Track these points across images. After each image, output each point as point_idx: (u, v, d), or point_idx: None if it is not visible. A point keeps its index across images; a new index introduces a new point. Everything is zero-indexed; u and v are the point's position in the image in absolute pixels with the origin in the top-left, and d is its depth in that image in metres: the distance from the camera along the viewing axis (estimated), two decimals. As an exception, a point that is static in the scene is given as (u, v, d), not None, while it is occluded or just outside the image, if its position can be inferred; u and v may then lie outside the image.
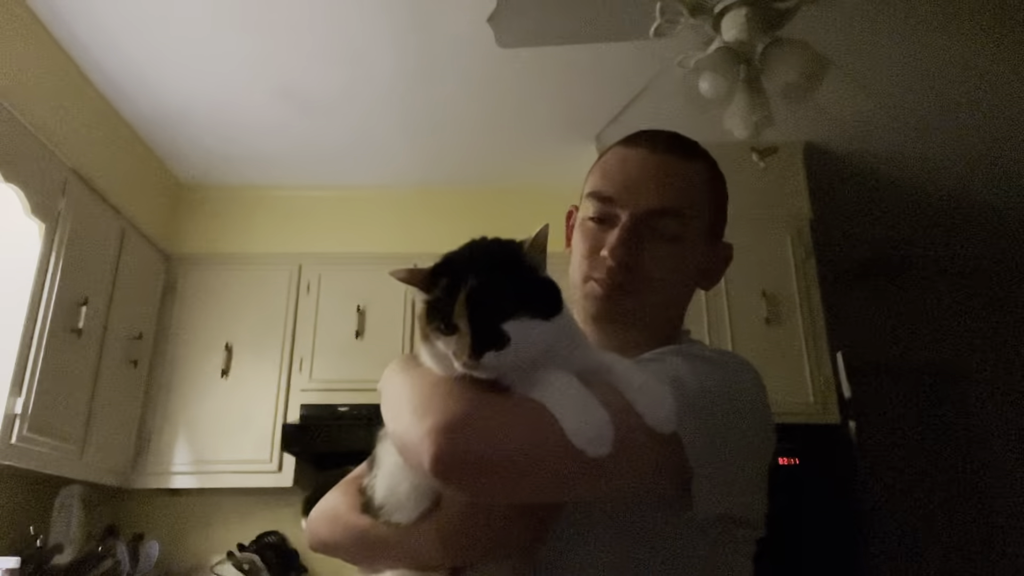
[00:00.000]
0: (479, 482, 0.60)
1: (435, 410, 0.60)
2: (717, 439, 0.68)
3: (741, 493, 0.73)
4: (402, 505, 0.70)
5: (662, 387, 0.64)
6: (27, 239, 2.43)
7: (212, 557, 3.10)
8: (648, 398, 0.63)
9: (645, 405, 0.63)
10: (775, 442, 0.78)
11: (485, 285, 0.60)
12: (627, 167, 0.85)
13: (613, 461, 0.60)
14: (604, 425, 0.59)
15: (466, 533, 0.67)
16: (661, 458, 0.65)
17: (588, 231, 0.85)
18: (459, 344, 0.60)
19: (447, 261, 0.65)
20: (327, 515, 0.81)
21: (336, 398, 3.08)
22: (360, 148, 3.23)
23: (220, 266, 3.32)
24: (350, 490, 0.81)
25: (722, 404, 0.70)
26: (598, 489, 0.65)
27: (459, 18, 2.40)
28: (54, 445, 2.46)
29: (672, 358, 0.73)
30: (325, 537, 0.80)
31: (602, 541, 0.71)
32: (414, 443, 0.60)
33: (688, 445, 0.65)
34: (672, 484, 0.67)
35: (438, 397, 0.61)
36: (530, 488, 0.62)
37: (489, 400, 0.61)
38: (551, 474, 0.61)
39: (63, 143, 2.54)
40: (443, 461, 0.57)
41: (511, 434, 0.59)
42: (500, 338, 0.59)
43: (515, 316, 0.59)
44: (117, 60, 2.62)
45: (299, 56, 2.64)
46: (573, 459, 0.59)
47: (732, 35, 1.83)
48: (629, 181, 0.83)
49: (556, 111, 2.97)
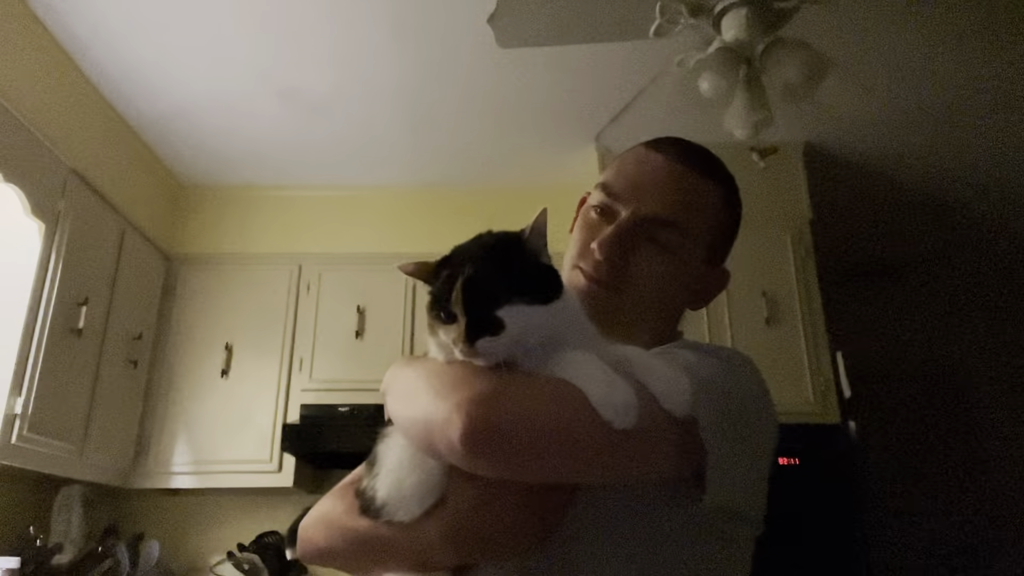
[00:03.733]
0: (510, 456, 0.59)
1: (461, 387, 0.60)
2: (728, 425, 0.68)
3: (746, 486, 0.72)
4: (406, 502, 0.68)
5: (678, 372, 0.65)
6: (27, 239, 2.43)
7: (212, 557, 3.10)
8: (665, 382, 0.63)
9: (662, 389, 0.63)
10: (777, 440, 0.77)
11: (480, 273, 0.61)
12: (643, 168, 0.84)
13: (637, 439, 0.60)
14: (629, 397, 0.59)
15: (473, 530, 0.65)
16: (680, 440, 0.65)
17: (589, 221, 0.85)
18: (457, 331, 0.61)
19: (450, 254, 0.67)
20: (322, 521, 0.78)
21: (336, 398, 3.07)
22: (360, 148, 3.23)
23: (220, 266, 3.32)
24: (346, 495, 0.78)
25: (732, 394, 0.70)
26: (623, 468, 0.64)
27: (459, 18, 2.40)
28: (54, 445, 2.46)
29: (679, 351, 0.74)
30: (320, 544, 0.77)
31: (607, 540, 0.70)
32: (440, 421, 0.59)
33: (704, 428, 0.65)
34: (688, 468, 0.67)
35: (461, 377, 0.61)
36: (559, 462, 0.61)
37: (513, 378, 0.61)
38: (581, 447, 0.61)
39: (63, 143, 2.54)
40: (474, 434, 0.57)
41: (541, 407, 0.59)
42: (494, 324, 0.60)
43: (511, 302, 0.60)
44: (117, 60, 2.62)
45: (299, 56, 2.64)
46: (601, 431, 0.59)
47: (732, 35, 1.83)
48: (640, 181, 0.83)
49: (556, 111, 2.97)
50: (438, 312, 0.62)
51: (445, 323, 0.62)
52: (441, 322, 0.62)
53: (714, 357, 0.74)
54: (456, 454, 0.59)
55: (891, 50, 2.58)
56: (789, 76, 1.84)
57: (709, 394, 0.67)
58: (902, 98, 2.84)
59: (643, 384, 0.63)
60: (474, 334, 0.60)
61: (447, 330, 0.62)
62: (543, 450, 0.60)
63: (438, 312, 0.62)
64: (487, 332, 0.60)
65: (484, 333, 0.60)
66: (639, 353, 0.67)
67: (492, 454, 0.59)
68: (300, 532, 0.80)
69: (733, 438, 0.68)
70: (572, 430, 0.60)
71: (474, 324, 0.60)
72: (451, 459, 0.61)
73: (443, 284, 0.63)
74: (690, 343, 0.81)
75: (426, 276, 0.66)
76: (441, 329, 0.63)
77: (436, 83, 2.78)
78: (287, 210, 3.46)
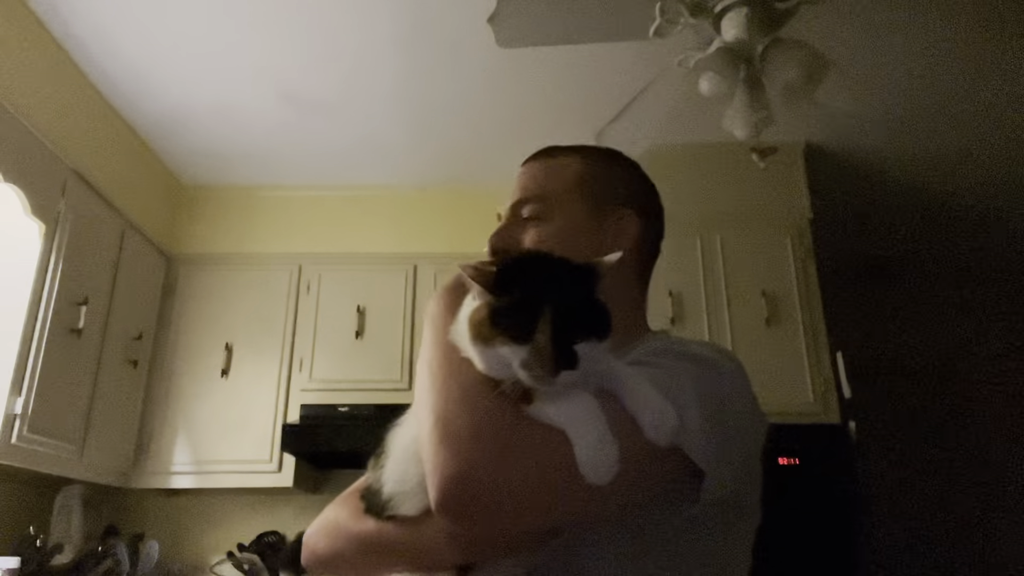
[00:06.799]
0: (485, 524, 0.62)
1: (450, 446, 0.61)
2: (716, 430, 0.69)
3: (741, 478, 0.74)
4: (412, 495, 0.70)
5: (662, 401, 0.66)
6: (27, 239, 2.43)
7: (212, 557, 3.10)
8: (650, 413, 0.65)
9: (647, 421, 0.64)
10: (767, 425, 0.79)
11: (570, 306, 0.63)
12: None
13: (618, 482, 0.61)
14: (613, 457, 0.61)
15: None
16: (664, 470, 0.67)
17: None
18: (535, 357, 0.61)
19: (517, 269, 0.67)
20: (325, 528, 0.80)
21: (336, 398, 3.08)
22: (360, 148, 3.23)
23: (220, 266, 3.32)
24: (349, 502, 0.80)
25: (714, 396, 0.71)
26: (606, 510, 0.67)
27: (459, 18, 2.40)
28: (54, 445, 2.47)
29: (664, 360, 0.74)
30: (323, 551, 0.79)
31: (609, 537, 0.71)
32: (427, 465, 0.63)
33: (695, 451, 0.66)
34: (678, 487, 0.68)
35: (461, 420, 0.63)
36: (539, 520, 0.64)
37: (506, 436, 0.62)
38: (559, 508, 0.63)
39: (63, 143, 2.54)
40: (449, 507, 0.60)
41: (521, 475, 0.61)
42: (575, 359, 0.61)
43: (588, 338, 0.63)
44: (117, 60, 2.62)
45: (299, 56, 2.64)
46: (581, 491, 0.61)
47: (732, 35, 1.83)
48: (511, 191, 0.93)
49: (556, 111, 2.97)
50: (512, 331, 0.62)
51: (517, 343, 0.62)
52: (513, 341, 0.62)
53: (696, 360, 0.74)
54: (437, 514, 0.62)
55: (891, 50, 2.58)
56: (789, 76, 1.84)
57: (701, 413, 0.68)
58: (902, 98, 2.84)
59: (630, 411, 0.65)
60: (560, 366, 0.61)
61: (516, 350, 0.62)
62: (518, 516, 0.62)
63: (512, 331, 0.62)
64: (569, 366, 0.61)
65: (567, 366, 0.61)
66: (630, 375, 0.68)
67: (465, 524, 0.62)
68: (304, 541, 0.81)
69: (722, 440, 0.69)
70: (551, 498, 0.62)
71: (561, 357, 0.61)
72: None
73: (519, 303, 0.63)
74: (667, 345, 0.80)
75: (487, 284, 0.65)
76: (508, 347, 0.62)
77: (436, 83, 2.78)
78: (287, 210, 3.46)
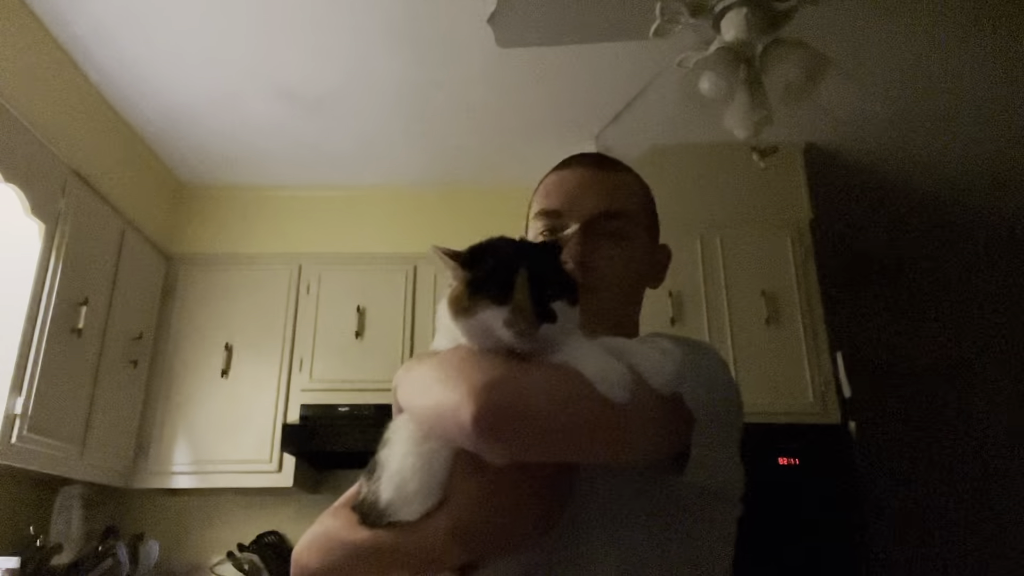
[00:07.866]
0: (520, 435, 0.63)
1: (471, 375, 0.64)
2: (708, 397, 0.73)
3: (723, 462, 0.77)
4: (410, 501, 0.70)
5: (660, 355, 0.71)
6: (27, 239, 2.43)
7: (212, 557, 3.10)
8: (650, 363, 0.69)
9: (649, 369, 0.69)
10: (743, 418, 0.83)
11: (542, 268, 0.69)
12: (570, 183, 0.93)
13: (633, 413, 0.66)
14: (622, 372, 0.66)
15: (479, 524, 0.68)
16: (669, 413, 0.70)
17: None
18: (516, 314, 0.66)
19: (489, 248, 0.73)
20: (317, 543, 0.78)
21: (336, 398, 3.08)
22: (360, 148, 3.23)
23: (220, 266, 3.32)
24: (339, 515, 0.79)
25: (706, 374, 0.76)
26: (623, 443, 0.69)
27: (459, 18, 2.40)
28: (54, 445, 2.47)
29: (653, 338, 0.79)
30: (316, 566, 0.76)
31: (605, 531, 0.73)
32: (452, 408, 0.63)
33: (689, 399, 0.71)
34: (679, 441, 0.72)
35: (470, 366, 0.66)
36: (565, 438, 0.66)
37: (520, 363, 0.66)
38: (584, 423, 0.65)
39: (63, 143, 2.54)
40: (485, 417, 0.61)
41: (546, 388, 0.65)
42: (552, 314, 0.67)
43: (559, 299, 0.69)
44: (117, 60, 2.62)
45: (299, 56, 2.64)
46: (601, 406, 0.64)
47: (732, 35, 1.83)
48: (575, 193, 0.91)
49: (556, 111, 2.97)
50: (492, 294, 0.67)
51: (500, 304, 0.67)
52: (495, 303, 0.67)
53: (685, 345, 0.79)
54: (468, 437, 0.62)
55: (891, 50, 2.58)
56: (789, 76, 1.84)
57: (690, 373, 0.72)
58: (902, 98, 2.84)
59: (632, 366, 0.68)
60: (541, 319, 0.67)
61: (498, 311, 0.67)
62: (549, 428, 0.64)
63: (492, 294, 0.67)
64: (548, 319, 0.67)
65: (546, 320, 0.67)
66: (624, 342, 0.74)
67: (502, 435, 0.63)
68: (293, 558, 0.79)
69: (712, 412, 0.73)
70: (575, 406, 0.65)
71: (541, 310, 0.67)
72: (464, 442, 0.65)
73: (495, 272, 0.68)
74: (662, 333, 0.85)
75: (461, 261, 0.71)
76: (490, 310, 0.67)
77: (436, 83, 2.78)
78: (287, 210, 3.46)
